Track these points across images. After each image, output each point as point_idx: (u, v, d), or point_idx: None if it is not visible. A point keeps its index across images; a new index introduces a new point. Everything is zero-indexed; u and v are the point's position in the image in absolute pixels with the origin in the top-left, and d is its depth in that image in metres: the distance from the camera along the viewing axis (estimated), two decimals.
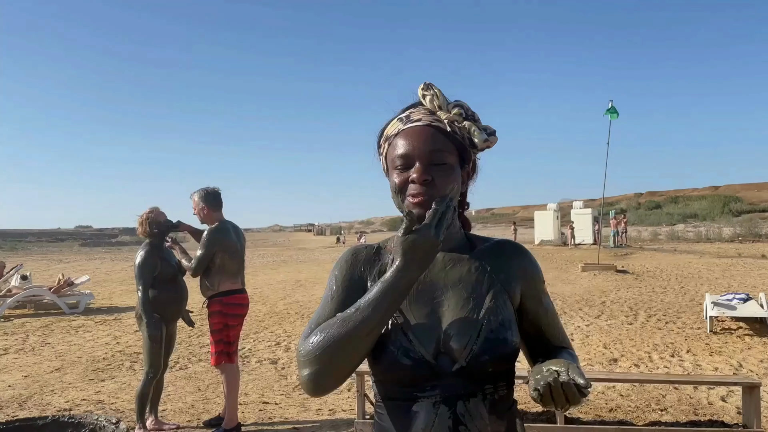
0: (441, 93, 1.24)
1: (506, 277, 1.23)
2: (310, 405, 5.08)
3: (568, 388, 0.99)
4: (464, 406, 1.11)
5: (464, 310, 1.16)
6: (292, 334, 8.45)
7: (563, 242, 31.19)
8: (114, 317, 10.47)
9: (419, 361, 1.12)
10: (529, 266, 1.26)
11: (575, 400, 1.00)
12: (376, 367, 1.17)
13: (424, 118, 1.22)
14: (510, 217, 58.72)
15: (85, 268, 22.62)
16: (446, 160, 1.19)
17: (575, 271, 16.89)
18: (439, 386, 1.12)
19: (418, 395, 1.13)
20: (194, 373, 6.28)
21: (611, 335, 7.91)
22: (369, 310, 1.09)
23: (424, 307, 1.17)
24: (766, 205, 56.69)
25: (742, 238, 32.64)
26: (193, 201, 4.45)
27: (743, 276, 14.77)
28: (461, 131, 1.22)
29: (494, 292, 1.19)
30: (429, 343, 1.13)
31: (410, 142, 1.20)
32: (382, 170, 1.31)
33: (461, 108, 1.23)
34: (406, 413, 1.13)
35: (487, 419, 1.12)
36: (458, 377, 1.12)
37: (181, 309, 4.52)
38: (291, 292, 13.85)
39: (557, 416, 3.89)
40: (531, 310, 1.25)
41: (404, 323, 1.16)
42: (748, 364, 6.34)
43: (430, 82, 1.25)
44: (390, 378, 1.16)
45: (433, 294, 1.19)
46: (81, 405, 5.14)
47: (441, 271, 1.22)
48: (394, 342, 1.14)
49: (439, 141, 1.20)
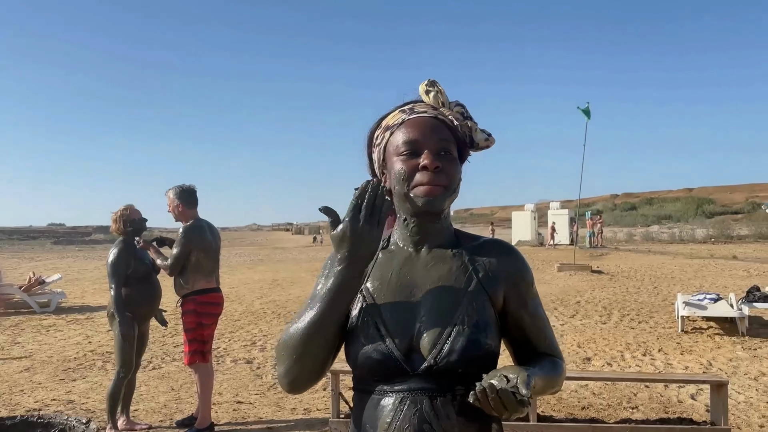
0: (444, 91, 1.26)
1: (488, 278, 1.21)
2: (284, 404, 5.06)
3: (505, 395, 0.97)
4: (431, 405, 1.11)
5: (440, 310, 1.15)
6: (268, 333, 8.41)
7: (540, 242, 31.49)
8: (86, 316, 10.32)
9: (389, 357, 1.13)
10: (514, 268, 1.24)
11: (512, 407, 0.98)
12: (349, 359, 1.18)
13: (429, 111, 1.24)
14: (488, 218, 59.08)
15: (57, 266, 22.24)
16: (452, 152, 1.22)
17: (551, 271, 17.06)
18: (408, 383, 1.12)
19: (387, 390, 1.14)
20: (168, 372, 6.21)
21: (585, 334, 8.00)
22: (319, 306, 1.13)
23: (401, 304, 1.18)
24: (738, 207, 57.88)
25: (714, 240, 33.24)
26: (168, 198, 4.40)
27: (715, 276, 15.04)
28: (463, 128, 1.24)
29: (473, 293, 1.18)
30: (401, 340, 1.14)
31: (418, 130, 1.21)
32: (374, 163, 1.30)
33: (462, 108, 1.26)
34: (375, 406, 1.14)
35: (455, 420, 1.10)
36: (428, 376, 1.12)
37: (154, 308, 4.46)
38: (268, 292, 13.77)
39: (530, 414, 3.93)
40: (514, 313, 1.23)
41: (379, 319, 1.16)
42: (717, 362, 6.46)
43: (434, 80, 1.27)
44: (361, 371, 1.17)
45: (412, 291, 1.19)
46: (51, 405, 5.05)
47: (423, 268, 1.22)
48: (366, 336, 1.15)
49: (446, 133, 1.22)
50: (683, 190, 79.47)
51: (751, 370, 6.09)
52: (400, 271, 1.22)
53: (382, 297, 1.19)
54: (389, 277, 1.21)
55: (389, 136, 1.24)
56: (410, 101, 1.28)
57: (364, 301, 1.20)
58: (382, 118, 1.29)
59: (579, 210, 25.98)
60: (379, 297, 1.20)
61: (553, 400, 5.01)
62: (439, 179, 1.17)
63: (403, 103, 1.28)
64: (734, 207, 58.76)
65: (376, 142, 1.28)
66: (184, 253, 4.22)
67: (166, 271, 4.27)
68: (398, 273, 1.22)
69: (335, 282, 1.13)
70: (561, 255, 21.89)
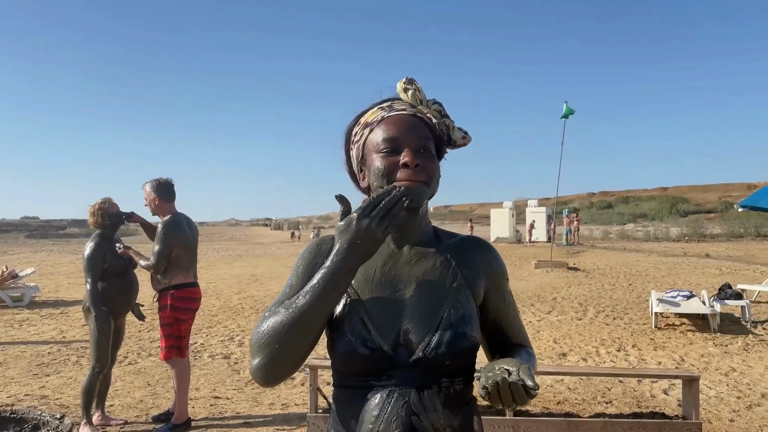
0: (421, 89, 1.27)
1: (471, 273, 1.24)
2: (262, 400, 5.05)
3: (516, 389, 1.01)
4: (418, 397, 1.12)
5: (426, 304, 1.17)
6: (246, 329, 8.37)
7: (518, 240, 31.74)
8: (60, 311, 10.17)
9: (376, 351, 1.14)
10: (494, 263, 1.29)
11: (522, 401, 1.02)
12: (334, 355, 1.18)
13: (408, 109, 1.25)
14: (467, 215, 59.33)
15: (31, 260, 21.87)
16: (431, 149, 1.23)
17: (528, 267, 17.21)
18: (396, 376, 1.13)
19: (374, 384, 1.14)
20: (144, 368, 6.15)
21: (561, 330, 8.10)
22: (310, 296, 1.11)
23: (387, 299, 1.19)
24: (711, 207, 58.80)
25: (688, 238, 33.79)
26: (144, 191, 4.34)
27: (688, 274, 15.30)
28: (440, 126, 1.26)
29: (457, 287, 1.21)
30: (388, 335, 1.15)
31: (398, 127, 1.22)
32: (352, 160, 1.31)
33: (439, 105, 1.27)
34: (361, 401, 1.15)
35: (441, 412, 1.13)
36: (415, 368, 1.13)
37: (130, 302, 4.41)
38: (246, 287, 13.70)
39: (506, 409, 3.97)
40: (493, 307, 1.28)
41: (365, 314, 1.17)
42: (689, 358, 6.58)
43: (412, 78, 1.28)
44: (347, 367, 1.17)
45: (397, 287, 1.20)
46: (24, 400, 4.98)
47: (406, 264, 1.23)
48: (353, 332, 1.15)
49: (425, 131, 1.24)
50: (658, 189, 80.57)
51: (722, 366, 6.22)
52: (384, 267, 1.23)
53: (366, 293, 1.20)
54: (373, 274, 1.22)
55: (368, 134, 1.25)
56: (388, 99, 1.29)
57: (349, 297, 1.20)
58: (359, 115, 1.29)
59: (556, 208, 26.19)
60: (363, 293, 1.20)
61: None
62: (419, 176, 1.19)
63: (381, 101, 1.29)
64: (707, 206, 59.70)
65: (355, 139, 1.29)
66: (167, 249, 4.16)
67: (151, 270, 4.20)
68: (382, 269, 1.23)
69: (328, 272, 1.11)
70: (538, 252, 22.09)
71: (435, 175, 1.22)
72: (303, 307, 1.11)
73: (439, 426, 1.12)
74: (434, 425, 1.12)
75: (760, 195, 9.74)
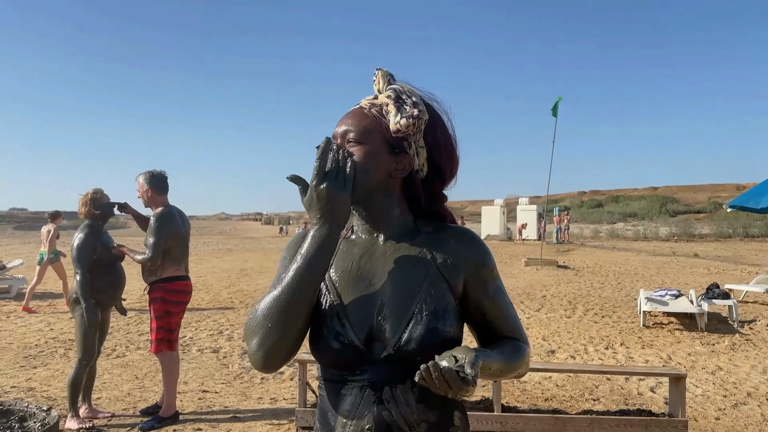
0: (384, 77, 1.25)
1: (447, 265, 1.20)
2: (250, 394, 5.04)
3: (448, 373, 0.98)
4: (390, 392, 1.13)
5: (398, 298, 1.16)
6: (235, 323, 8.35)
7: (509, 237, 31.84)
8: (48, 303, 10.10)
9: (349, 346, 1.14)
10: (473, 253, 1.23)
11: (457, 387, 0.98)
12: (312, 349, 1.19)
13: (363, 102, 1.26)
14: (458, 212, 59.39)
15: (19, 252, 21.70)
16: (363, 141, 1.20)
17: (519, 265, 17.26)
18: (369, 371, 1.14)
19: (349, 378, 1.16)
20: (132, 361, 6.13)
21: (550, 328, 8.14)
22: (295, 271, 1.13)
23: (361, 294, 1.18)
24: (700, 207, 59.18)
25: (677, 238, 34.00)
26: (137, 183, 4.31)
27: (676, 273, 15.41)
28: (379, 113, 1.22)
29: (431, 281, 1.18)
30: (361, 330, 1.15)
31: (339, 122, 1.25)
32: None
33: (394, 91, 1.22)
34: (337, 394, 1.17)
35: (414, 407, 1.13)
36: (387, 364, 1.13)
37: (117, 295, 4.38)
38: (236, 281, 13.66)
39: (494, 404, 3.98)
40: (474, 299, 1.23)
41: (339, 309, 1.17)
42: (677, 356, 6.63)
43: (379, 67, 1.26)
44: (323, 360, 1.19)
45: (371, 280, 1.19)
46: (11, 392, 4.94)
47: (381, 257, 1.22)
48: (327, 326, 1.16)
49: (361, 121, 1.21)
50: (648, 189, 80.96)
51: (708, 365, 6.27)
52: (360, 260, 1.22)
53: (343, 287, 1.20)
54: (350, 267, 1.22)
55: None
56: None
57: (327, 293, 1.20)
58: None
59: (547, 206, 26.29)
60: (341, 287, 1.20)
61: (517, 392, 5.09)
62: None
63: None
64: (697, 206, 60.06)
65: None
66: (162, 240, 4.13)
67: (148, 264, 4.15)
68: (358, 263, 1.22)
69: (311, 243, 1.13)
70: (528, 250, 22.15)
71: (361, 165, 1.18)
72: (291, 283, 1.12)
73: (412, 421, 1.12)
74: (407, 420, 1.12)
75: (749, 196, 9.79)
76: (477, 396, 4.44)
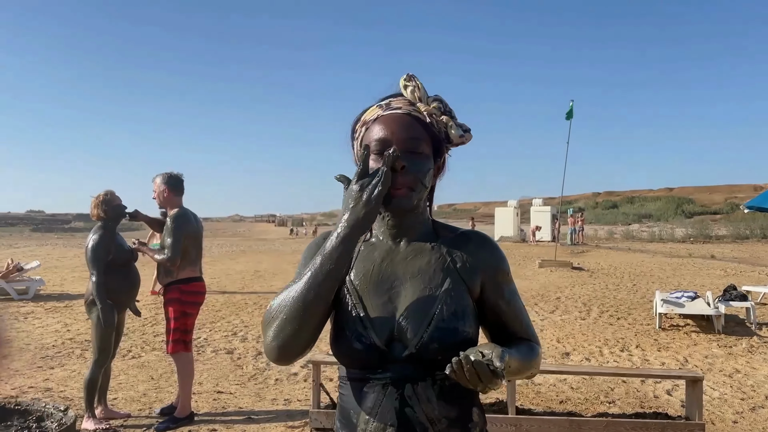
0: (422, 86, 1.26)
1: (466, 268, 1.25)
2: (265, 395, 5.06)
3: (479, 366, 1.01)
4: (412, 390, 1.16)
5: (419, 300, 1.19)
6: (249, 324, 8.38)
7: (522, 239, 31.70)
8: (65, 304, 10.20)
9: (371, 347, 1.17)
10: (490, 257, 1.28)
11: (487, 379, 1.02)
12: (334, 349, 1.22)
13: (404, 107, 1.25)
14: (471, 213, 59.26)
15: (36, 253, 21.94)
16: (422, 150, 1.23)
17: (532, 267, 17.18)
18: (391, 370, 1.17)
19: (371, 377, 1.18)
20: (147, 361, 6.17)
21: (564, 330, 8.09)
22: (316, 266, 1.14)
23: (382, 296, 1.21)
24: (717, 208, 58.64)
25: (693, 239, 33.68)
26: (155, 184, 4.38)
27: (693, 275, 15.26)
28: (438, 124, 1.25)
29: (451, 283, 1.22)
30: (382, 331, 1.18)
31: (389, 127, 1.22)
32: (354, 157, 1.33)
33: (440, 102, 1.26)
34: (359, 393, 1.20)
35: (435, 404, 1.16)
36: (408, 362, 1.17)
37: (132, 296, 4.41)
38: (249, 283, 13.72)
39: (509, 406, 3.97)
40: (491, 301, 1.27)
41: (362, 310, 1.20)
42: (693, 359, 6.56)
43: (413, 74, 1.27)
44: (345, 361, 1.22)
45: (392, 284, 1.23)
46: (28, 392, 5.01)
47: (402, 261, 1.26)
48: (350, 328, 1.19)
49: (417, 130, 1.23)
50: (664, 190, 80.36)
51: (726, 367, 6.20)
52: (381, 263, 1.26)
53: (364, 290, 1.23)
54: (371, 270, 1.25)
55: (365, 132, 1.26)
56: (389, 96, 1.29)
57: (349, 295, 1.23)
58: (363, 111, 1.30)
59: (561, 207, 26.15)
60: (362, 290, 1.23)
61: (531, 394, 5.07)
62: (405, 180, 1.20)
63: (382, 98, 1.29)
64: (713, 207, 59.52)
65: (355, 136, 1.30)
66: (180, 239, 4.18)
67: (168, 263, 4.18)
68: (379, 266, 1.25)
69: (332, 241, 1.14)
70: (542, 251, 22.05)
71: (423, 175, 1.22)
72: (309, 278, 1.14)
73: (433, 417, 1.16)
74: (428, 416, 1.16)
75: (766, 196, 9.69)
76: (491, 398, 4.43)
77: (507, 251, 10.61)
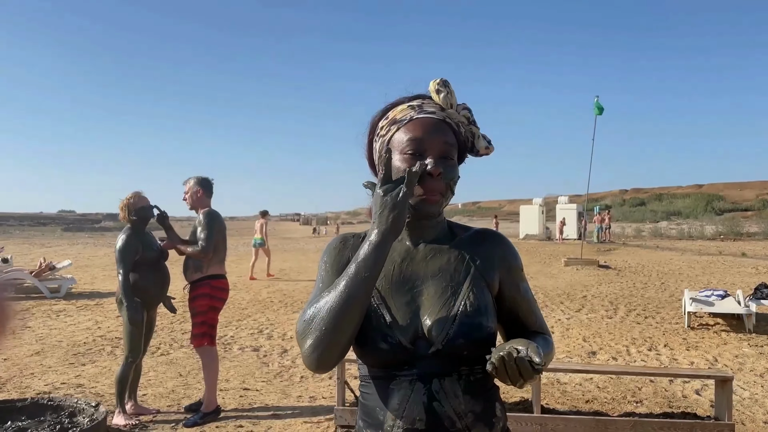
0: (454, 93, 1.28)
1: (484, 265, 1.28)
2: (290, 392, 5.11)
3: (522, 363, 1.04)
4: (439, 384, 1.18)
5: (442, 298, 1.22)
6: (275, 322, 8.46)
7: (548, 237, 31.42)
8: (96, 302, 10.41)
9: (396, 346, 1.19)
10: (507, 254, 1.32)
11: (528, 375, 1.05)
12: (358, 350, 1.23)
13: (438, 113, 1.27)
14: (496, 211, 58.90)
15: (68, 252, 22.42)
16: (453, 156, 1.26)
17: (558, 265, 17.04)
18: (417, 366, 1.19)
19: (397, 374, 1.20)
20: (176, 359, 6.28)
21: (591, 329, 8.01)
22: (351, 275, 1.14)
23: (405, 296, 1.24)
24: (748, 205, 57.39)
25: (723, 237, 33.05)
26: (187, 185, 4.54)
27: (723, 273, 14.98)
28: (466, 133, 1.29)
29: (472, 280, 1.25)
30: (407, 330, 1.20)
31: (425, 131, 1.24)
32: (374, 153, 1.33)
33: (469, 111, 1.29)
34: (385, 390, 1.20)
35: (462, 398, 1.18)
36: (434, 358, 1.18)
37: (162, 294, 4.51)
38: (275, 281, 13.84)
39: (534, 406, 3.95)
40: (509, 297, 1.31)
41: (386, 310, 1.22)
42: (723, 359, 6.45)
43: (446, 80, 1.28)
44: (370, 361, 1.23)
45: (414, 283, 1.25)
46: (61, 388, 5.12)
47: (422, 261, 1.28)
48: (375, 328, 1.21)
49: (450, 137, 1.26)
50: (693, 187, 78.81)
51: (757, 367, 6.08)
52: (401, 264, 1.28)
53: (387, 290, 1.25)
54: (392, 271, 1.27)
55: (395, 131, 1.26)
56: (419, 96, 1.29)
57: (372, 296, 1.23)
58: (387, 108, 1.30)
59: (587, 205, 25.86)
60: (384, 290, 1.25)
61: (557, 393, 5.03)
62: (439, 186, 1.22)
63: (411, 96, 1.30)
64: (744, 204, 58.24)
65: (381, 133, 1.30)
66: (213, 234, 4.32)
67: (201, 255, 4.30)
68: (399, 266, 1.28)
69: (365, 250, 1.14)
70: (568, 249, 21.84)
71: (453, 183, 1.26)
72: (345, 288, 1.13)
73: (460, 411, 1.17)
74: (456, 410, 1.17)
75: None
76: (516, 397, 4.41)
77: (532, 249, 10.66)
